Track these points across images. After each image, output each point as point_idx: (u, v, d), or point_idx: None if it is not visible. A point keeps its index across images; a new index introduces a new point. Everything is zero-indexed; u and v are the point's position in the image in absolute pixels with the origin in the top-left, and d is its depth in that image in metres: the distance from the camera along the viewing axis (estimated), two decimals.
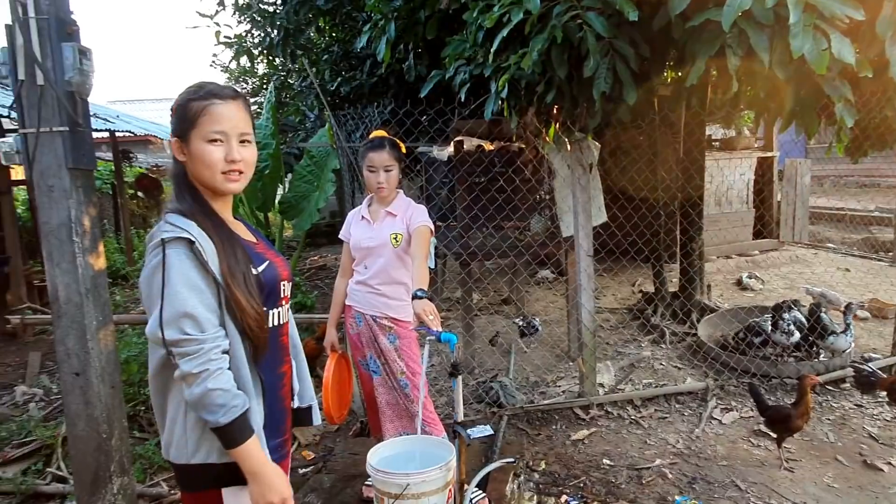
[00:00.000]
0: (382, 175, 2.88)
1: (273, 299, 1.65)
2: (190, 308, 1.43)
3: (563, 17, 2.96)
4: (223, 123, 1.53)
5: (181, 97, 1.58)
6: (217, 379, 1.44)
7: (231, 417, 1.44)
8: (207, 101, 1.53)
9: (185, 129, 1.55)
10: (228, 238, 1.56)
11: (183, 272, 1.45)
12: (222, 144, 1.54)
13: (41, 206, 3.16)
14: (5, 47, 3.11)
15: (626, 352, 5.18)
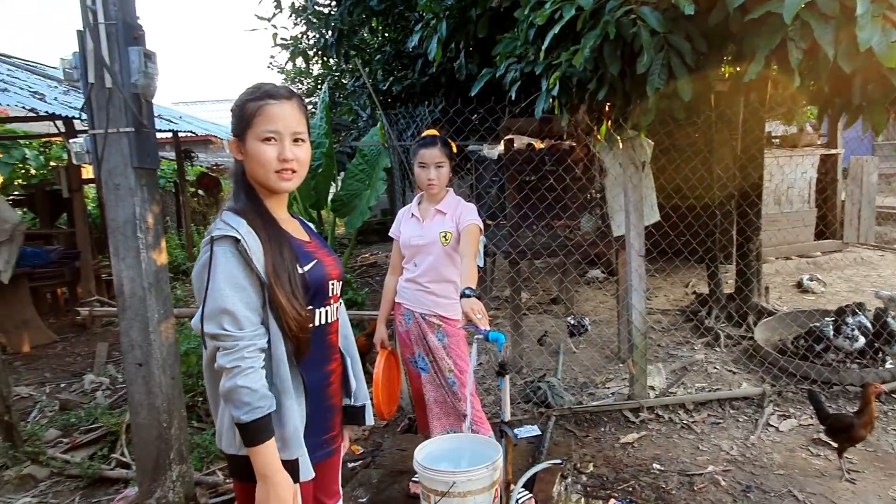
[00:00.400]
0: (433, 171, 2.91)
1: (320, 298, 1.66)
2: (229, 305, 1.47)
3: (616, 13, 2.91)
4: (276, 123, 1.56)
5: (239, 98, 1.62)
6: (247, 377, 1.47)
7: (252, 417, 1.47)
8: (262, 101, 1.56)
9: (242, 128, 1.58)
10: (276, 236, 1.58)
11: (227, 270, 1.49)
12: (276, 143, 1.57)
13: (108, 203, 3.32)
14: (76, 52, 3.27)
15: (678, 354, 5.06)
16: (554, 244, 4.36)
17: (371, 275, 8.65)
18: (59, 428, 4.30)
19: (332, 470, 1.88)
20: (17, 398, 4.85)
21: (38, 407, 4.80)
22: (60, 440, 4.15)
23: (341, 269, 1.81)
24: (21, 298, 6.62)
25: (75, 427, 4.28)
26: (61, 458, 3.84)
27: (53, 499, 3.52)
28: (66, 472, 3.71)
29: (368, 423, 1.92)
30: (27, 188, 9.72)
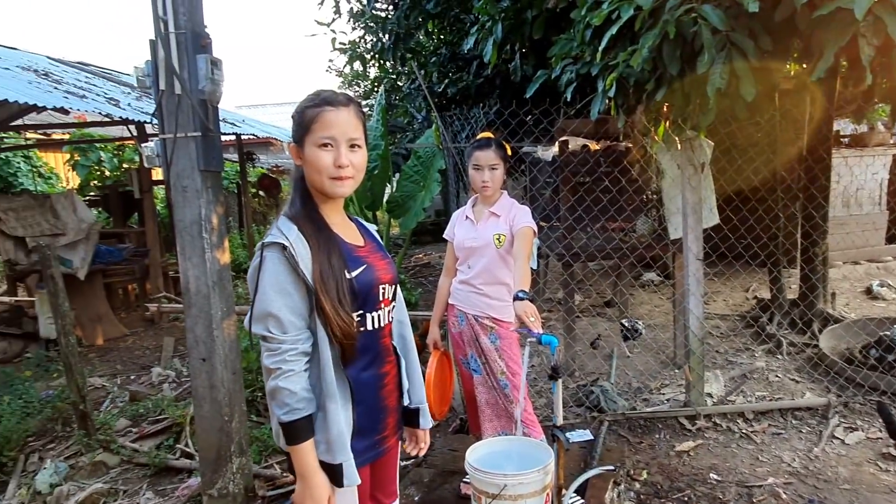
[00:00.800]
0: (487, 173, 2.92)
1: (370, 303, 1.69)
2: (275, 310, 1.53)
3: (676, 12, 2.86)
4: (333, 129, 1.59)
5: (299, 105, 1.66)
6: (288, 379, 1.53)
7: (291, 418, 1.53)
8: (321, 108, 1.60)
9: (301, 135, 1.63)
10: (326, 243, 1.61)
11: (274, 275, 1.55)
12: (332, 150, 1.60)
13: (176, 204, 3.47)
14: (149, 61, 3.44)
15: (737, 361, 4.91)
16: (608, 247, 4.30)
17: (424, 275, 8.73)
18: (129, 418, 4.53)
19: (388, 469, 1.90)
20: (92, 388, 5.13)
21: (110, 397, 5.06)
22: (130, 429, 4.37)
23: (394, 273, 1.82)
24: (96, 294, 6.99)
25: (143, 417, 4.49)
26: (130, 446, 4.04)
27: (123, 485, 3.71)
28: (134, 461, 3.90)
29: (424, 426, 1.94)
30: (102, 189, 10.24)
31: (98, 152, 10.86)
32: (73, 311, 6.36)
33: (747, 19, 2.84)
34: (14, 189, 10.68)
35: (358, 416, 1.65)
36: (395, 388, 1.82)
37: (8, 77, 6.04)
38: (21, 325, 6.64)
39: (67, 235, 6.47)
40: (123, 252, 7.73)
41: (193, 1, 3.33)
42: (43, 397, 4.65)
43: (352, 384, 1.64)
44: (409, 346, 1.92)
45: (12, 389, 4.68)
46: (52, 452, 4.28)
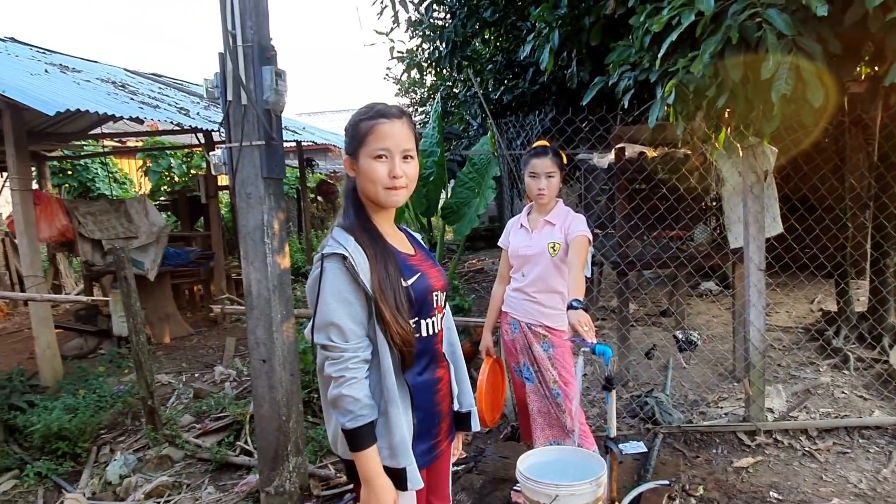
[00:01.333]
0: (544, 181, 2.93)
1: (426, 310, 1.72)
2: (336, 319, 1.57)
3: (739, 17, 2.79)
4: (387, 141, 1.62)
5: (353, 118, 1.70)
6: (351, 386, 1.56)
7: (355, 425, 1.56)
8: (375, 120, 1.63)
9: (355, 147, 1.66)
10: (382, 252, 1.64)
11: (335, 285, 1.58)
12: (386, 161, 1.63)
13: (240, 210, 3.61)
14: (217, 73, 3.59)
15: (800, 376, 4.72)
16: (665, 255, 4.22)
17: (478, 281, 8.75)
18: (193, 414, 4.72)
19: (442, 473, 1.93)
20: (159, 385, 5.37)
21: (176, 394, 5.29)
22: (193, 425, 4.55)
23: (446, 280, 1.86)
24: (164, 294, 7.32)
25: (206, 414, 4.68)
26: (194, 442, 4.22)
27: (186, 479, 3.87)
28: (197, 455, 4.07)
29: (474, 429, 1.97)
30: (171, 194, 10.73)
31: (168, 159, 11.40)
32: (143, 310, 6.69)
33: (815, 23, 2.75)
34: (92, 193, 11.30)
35: (417, 420, 1.69)
36: (448, 393, 1.86)
37: (88, 89, 6.42)
38: (96, 322, 7.02)
39: (140, 238, 6.81)
40: (190, 255, 8.06)
41: (260, 15, 3.47)
42: (115, 392, 4.90)
43: (410, 389, 1.68)
44: (458, 352, 1.95)
45: (87, 384, 4.95)
46: (122, 445, 4.51)
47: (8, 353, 6.86)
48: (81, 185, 11.38)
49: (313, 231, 10.93)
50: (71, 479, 4.18)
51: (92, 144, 11.21)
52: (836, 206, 5.12)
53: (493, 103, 6.25)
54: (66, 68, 7.26)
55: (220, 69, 3.53)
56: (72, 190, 11.24)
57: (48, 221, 5.91)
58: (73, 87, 6.19)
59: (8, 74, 5.42)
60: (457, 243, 8.93)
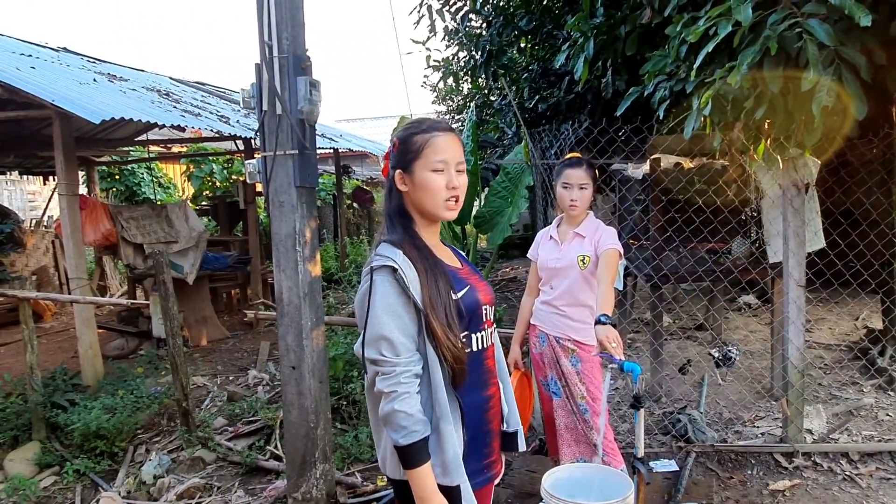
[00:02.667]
0: (576, 192, 2.90)
1: (475, 323, 1.69)
2: (387, 332, 1.54)
3: (778, 27, 2.72)
4: (445, 153, 1.62)
5: (404, 133, 1.68)
6: (404, 402, 1.53)
7: (409, 441, 1.52)
8: (430, 133, 1.63)
9: (409, 160, 1.64)
10: (432, 266, 1.63)
11: (386, 298, 1.56)
12: (444, 173, 1.62)
13: (273, 218, 3.67)
14: (254, 83, 3.67)
15: (842, 396, 4.54)
16: (700, 269, 4.12)
17: (511, 289, 8.71)
18: (226, 417, 4.80)
19: (489, 497, 1.88)
20: (194, 387, 5.48)
21: (210, 396, 5.39)
22: (226, 428, 4.63)
23: (493, 295, 1.83)
24: (202, 297, 7.49)
25: (239, 417, 4.75)
26: (226, 444, 4.29)
27: (217, 482, 3.94)
28: (229, 458, 4.14)
29: (521, 449, 1.91)
30: (212, 199, 10.99)
31: (210, 164, 11.69)
32: (182, 313, 6.86)
33: (859, 33, 2.66)
34: (138, 197, 11.66)
35: (468, 438, 1.65)
36: (499, 412, 1.81)
37: (134, 97, 6.63)
38: (137, 324, 7.22)
39: (179, 243, 6.98)
40: (228, 259, 8.23)
41: (296, 26, 3.54)
42: (152, 393, 5.01)
43: (462, 406, 1.64)
44: (505, 369, 1.89)
45: (126, 384, 5.08)
46: (157, 445, 4.61)
47: (55, 352, 7.10)
48: (128, 189, 11.76)
49: (348, 238, 11.04)
50: (108, 477, 4.29)
51: (138, 150, 11.58)
52: (881, 221, 4.92)
53: (528, 112, 6.23)
54: (114, 77, 7.52)
55: (257, 79, 3.61)
56: (119, 194, 11.62)
57: (93, 225, 6.11)
58: (119, 95, 6.41)
59: (58, 83, 5.64)
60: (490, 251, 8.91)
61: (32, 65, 6.13)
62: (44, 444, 4.58)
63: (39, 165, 9.70)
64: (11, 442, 4.66)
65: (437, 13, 6.56)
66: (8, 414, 4.73)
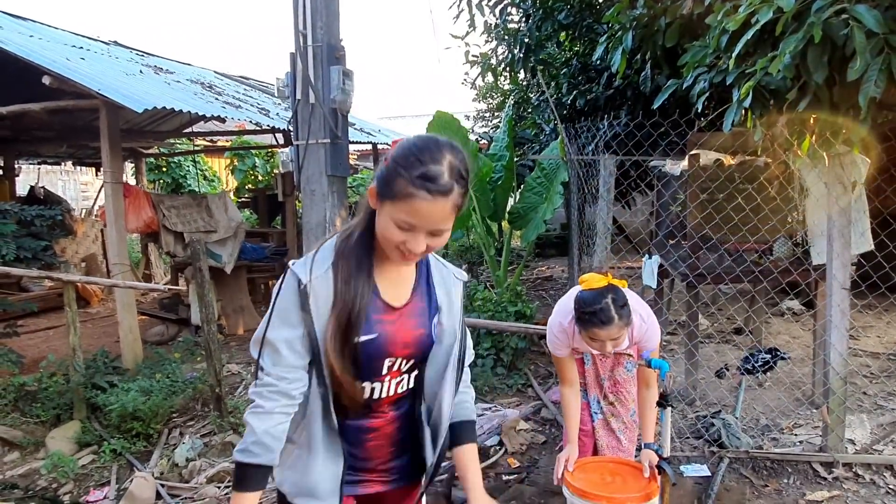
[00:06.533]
0: (609, 346, 2.35)
1: (370, 373, 1.51)
2: (272, 338, 1.44)
3: (823, 13, 2.60)
4: (417, 218, 1.36)
5: (398, 159, 1.38)
6: (256, 415, 1.43)
7: (242, 459, 1.42)
8: (415, 191, 1.33)
9: (383, 193, 1.39)
10: (354, 294, 1.43)
11: (285, 305, 1.44)
12: (406, 232, 1.38)
13: (305, 207, 3.70)
14: (288, 72, 3.71)
15: (889, 406, 4.32)
16: (738, 269, 3.98)
17: (545, 288, 8.62)
18: None
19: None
20: (228, 374, 5.59)
21: (244, 384, 5.48)
22: None
23: (421, 345, 1.56)
24: (240, 287, 7.64)
25: None
26: None
27: None
28: None
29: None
30: (252, 192, 11.21)
31: (253, 158, 11.92)
32: (220, 301, 7.01)
33: None
34: (183, 189, 11.98)
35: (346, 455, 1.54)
36: (387, 445, 1.62)
37: (178, 89, 6.80)
38: (177, 311, 7.42)
39: (218, 233, 7.13)
40: (266, 250, 8.36)
41: (331, 15, 3.56)
42: (187, 378, 5.14)
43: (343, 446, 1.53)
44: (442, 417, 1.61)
45: (163, 368, 5.22)
46: (190, 429, 4.72)
47: (99, 336, 7.35)
48: (174, 181, 12.09)
49: None
50: (142, 458, 4.41)
51: (185, 143, 11.89)
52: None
53: (566, 108, 6.15)
54: (160, 69, 7.73)
55: (291, 68, 3.65)
56: (165, 186, 11.96)
57: (136, 213, 6.29)
58: (164, 86, 6.58)
59: (105, 74, 5.83)
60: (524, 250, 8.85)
61: (83, 56, 6.36)
62: (84, 424, 4.74)
63: (91, 156, 10.06)
64: (54, 420, 4.84)
65: (476, 7, 6.53)
66: (51, 393, 4.92)
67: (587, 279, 2.37)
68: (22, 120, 6.55)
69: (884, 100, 2.62)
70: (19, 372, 5.15)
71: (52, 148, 9.30)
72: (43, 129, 7.59)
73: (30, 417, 4.84)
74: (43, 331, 7.67)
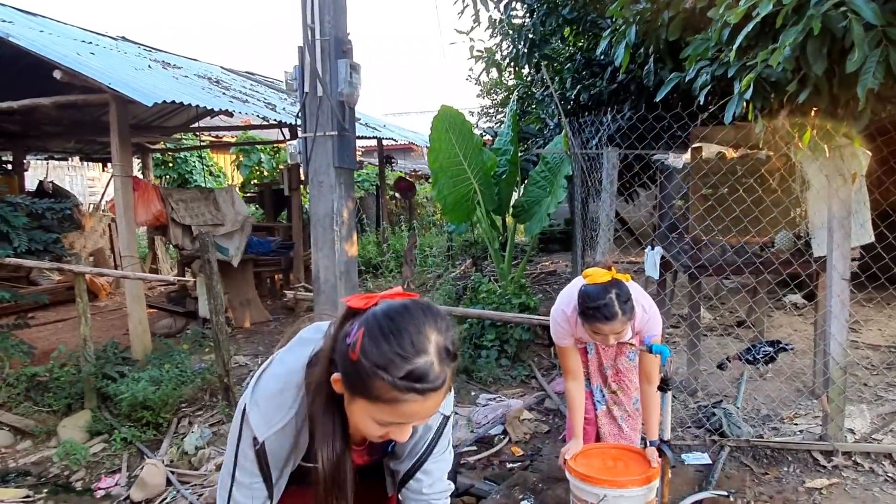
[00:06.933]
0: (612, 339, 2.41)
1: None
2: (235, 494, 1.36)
3: (822, 6, 2.64)
4: (406, 418, 1.18)
5: (372, 357, 1.13)
6: None
7: None
8: (402, 395, 1.12)
9: (355, 391, 1.17)
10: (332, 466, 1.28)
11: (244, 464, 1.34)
12: (391, 426, 1.21)
13: (312, 198, 3.75)
14: (297, 66, 3.76)
15: (888, 397, 4.37)
16: (739, 260, 4.02)
17: (549, 283, 8.67)
18: None
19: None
20: (236, 366, 5.65)
21: (251, 375, 5.55)
22: None
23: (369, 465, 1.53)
24: (246, 280, 7.71)
25: None
26: None
27: None
28: None
29: None
30: (258, 186, 11.29)
31: (259, 154, 11.99)
32: (226, 294, 7.08)
33: None
34: (189, 185, 12.07)
35: None
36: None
37: (185, 83, 6.87)
38: (185, 304, 7.49)
39: (225, 226, 7.20)
40: (272, 244, 8.44)
41: (338, 9, 3.61)
42: (196, 369, 5.21)
43: None
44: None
45: (172, 359, 5.29)
46: (199, 418, 4.80)
47: (107, 329, 7.44)
48: (181, 176, 12.18)
49: (387, 225, 11.22)
50: (152, 446, 4.49)
51: (191, 139, 11.97)
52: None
53: (570, 103, 6.17)
54: (168, 65, 7.80)
55: (299, 62, 3.71)
56: (171, 181, 12.05)
57: (145, 206, 6.37)
58: (172, 81, 6.65)
59: (115, 69, 5.90)
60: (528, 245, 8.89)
61: (92, 51, 6.42)
62: (94, 413, 4.82)
63: (98, 151, 10.14)
64: (65, 409, 4.93)
65: (480, 2, 6.56)
66: (62, 383, 5.00)
67: (591, 273, 2.41)
68: (32, 115, 6.63)
69: (883, 92, 2.66)
70: (31, 363, 5.24)
71: (60, 143, 9.39)
72: (52, 125, 7.66)
73: (42, 407, 4.93)
74: (52, 323, 7.77)
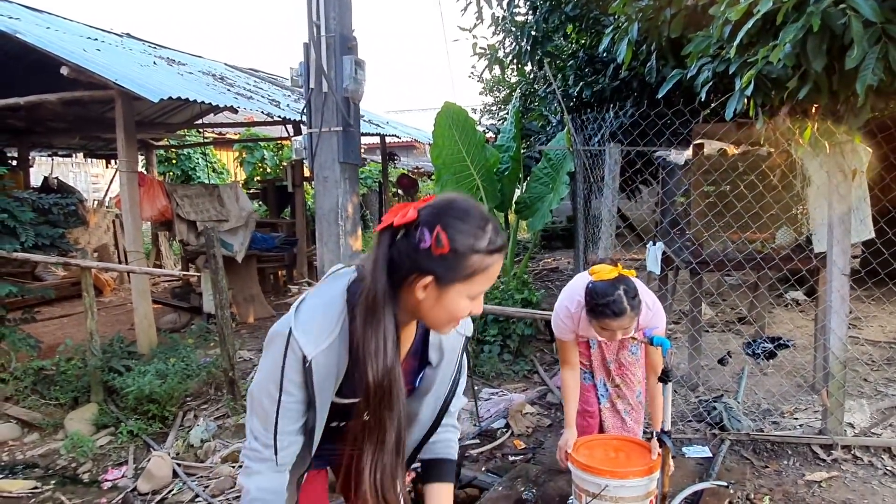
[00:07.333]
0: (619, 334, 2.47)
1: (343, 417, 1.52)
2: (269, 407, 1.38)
3: (822, 3, 2.67)
4: (493, 278, 1.35)
5: (463, 240, 1.28)
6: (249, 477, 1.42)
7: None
8: (492, 257, 1.30)
9: (452, 278, 1.29)
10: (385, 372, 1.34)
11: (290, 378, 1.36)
12: (475, 301, 1.35)
13: (317, 193, 3.79)
14: (302, 62, 3.80)
15: (888, 392, 4.40)
16: (740, 256, 4.06)
17: (552, 279, 8.71)
18: None
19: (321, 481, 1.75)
20: (241, 360, 5.70)
21: (255, 370, 5.60)
22: None
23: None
24: (250, 276, 7.76)
25: None
26: None
27: None
28: None
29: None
30: (262, 183, 11.34)
31: (262, 151, 12.03)
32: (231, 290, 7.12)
33: None
34: (192, 182, 12.12)
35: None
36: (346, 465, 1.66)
37: (190, 80, 6.91)
38: (189, 299, 7.55)
39: (230, 222, 7.25)
40: (276, 240, 8.48)
41: (343, 6, 3.65)
42: (201, 363, 5.26)
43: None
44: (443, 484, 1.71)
45: (177, 353, 5.34)
46: (205, 412, 4.84)
47: (113, 323, 7.49)
48: (184, 173, 12.23)
49: None
50: (158, 439, 4.53)
51: (194, 135, 12.01)
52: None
53: (573, 100, 6.21)
54: (173, 61, 7.84)
55: (304, 58, 3.74)
56: (175, 178, 12.10)
57: (150, 202, 6.41)
58: (177, 77, 6.69)
59: (121, 65, 5.94)
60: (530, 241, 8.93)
61: (98, 48, 6.47)
62: (101, 406, 4.87)
63: (102, 148, 10.20)
64: (72, 402, 4.98)
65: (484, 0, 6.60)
66: (69, 376, 5.05)
67: (598, 270, 2.43)
68: (37, 111, 6.68)
69: (882, 88, 2.68)
70: (37, 356, 5.29)
71: (65, 139, 9.45)
72: (57, 121, 7.72)
73: (49, 400, 4.98)
74: (57, 318, 7.83)
